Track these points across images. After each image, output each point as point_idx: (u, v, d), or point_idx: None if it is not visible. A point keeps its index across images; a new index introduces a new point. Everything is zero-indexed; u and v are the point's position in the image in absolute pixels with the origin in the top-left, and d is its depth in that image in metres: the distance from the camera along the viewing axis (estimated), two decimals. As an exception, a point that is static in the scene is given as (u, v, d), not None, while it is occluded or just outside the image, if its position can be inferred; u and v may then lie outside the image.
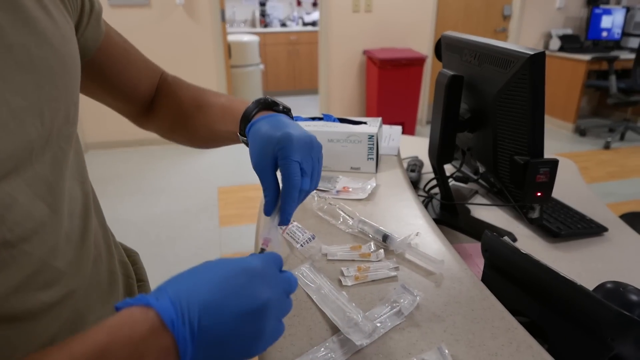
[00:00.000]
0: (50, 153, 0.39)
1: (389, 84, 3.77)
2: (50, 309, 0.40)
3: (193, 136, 0.65)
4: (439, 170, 0.96)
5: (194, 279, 0.35)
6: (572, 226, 0.91)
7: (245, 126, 0.54)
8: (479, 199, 1.08)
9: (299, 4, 6.19)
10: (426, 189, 1.09)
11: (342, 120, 1.03)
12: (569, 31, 4.53)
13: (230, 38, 4.48)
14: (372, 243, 0.71)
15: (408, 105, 3.94)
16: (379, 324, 0.53)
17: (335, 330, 0.53)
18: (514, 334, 0.53)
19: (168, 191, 3.08)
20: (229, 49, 4.09)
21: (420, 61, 3.74)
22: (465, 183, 1.12)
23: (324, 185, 0.90)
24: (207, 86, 0.66)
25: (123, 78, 0.59)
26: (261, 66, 5.05)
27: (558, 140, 4.16)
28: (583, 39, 4.51)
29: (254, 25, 6.02)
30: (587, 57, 3.99)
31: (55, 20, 0.41)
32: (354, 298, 0.59)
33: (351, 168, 0.99)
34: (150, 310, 0.31)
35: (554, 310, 0.57)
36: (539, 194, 0.78)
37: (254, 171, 0.50)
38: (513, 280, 0.63)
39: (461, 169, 1.05)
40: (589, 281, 0.57)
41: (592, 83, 4.25)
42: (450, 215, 0.98)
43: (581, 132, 4.26)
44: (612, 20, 4.41)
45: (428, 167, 1.19)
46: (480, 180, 1.13)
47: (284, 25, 6.07)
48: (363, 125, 0.99)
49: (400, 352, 0.50)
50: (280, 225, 0.49)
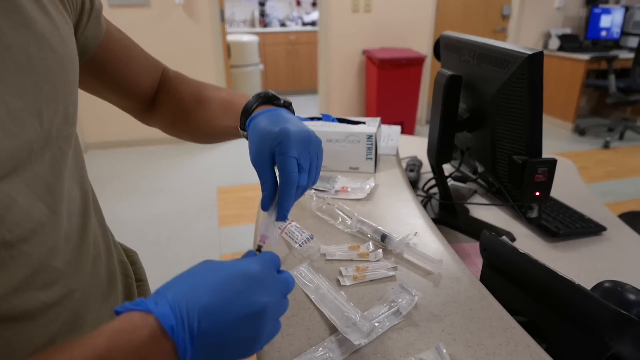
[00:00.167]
0: (50, 153, 0.39)
1: (388, 83, 3.77)
2: (50, 309, 0.40)
3: (195, 131, 0.65)
4: (437, 170, 0.96)
5: (192, 283, 0.35)
6: (571, 225, 0.91)
7: (245, 120, 0.54)
8: (477, 199, 1.08)
9: (299, 3, 6.19)
10: (425, 189, 1.09)
11: (341, 120, 1.03)
12: (568, 31, 4.53)
13: (229, 38, 4.49)
14: (371, 243, 0.71)
15: (407, 105, 3.94)
16: (377, 324, 0.54)
17: (333, 330, 0.53)
18: (512, 333, 0.53)
19: (167, 191, 3.08)
20: (228, 49, 4.09)
21: (419, 61, 3.75)
22: (464, 183, 1.12)
23: (323, 185, 0.91)
24: (207, 86, 0.66)
25: (125, 74, 0.59)
26: (260, 66, 5.05)
27: (557, 139, 4.16)
28: (582, 38, 4.51)
29: (253, 25, 6.02)
30: (586, 57, 3.99)
31: (53, 20, 0.41)
32: (352, 298, 0.59)
33: (350, 168, 0.99)
34: (149, 316, 0.31)
35: (552, 309, 0.57)
36: (538, 194, 0.78)
37: (253, 166, 0.50)
38: (511, 280, 0.63)
39: (460, 168, 1.05)
40: (587, 280, 0.57)
41: (591, 82, 4.26)
42: (449, 215, 0.98)
43: (580, 132, 4.27)
44: (611, 20, 4.41)
45: (427, 167, 1.19)
46: (479, 180, 1.13)
47: (283, 25, 6.07)
48: (362, 125, 0.99)
49: (398, 352, 0.50)
50: (278, 220, 0.49)
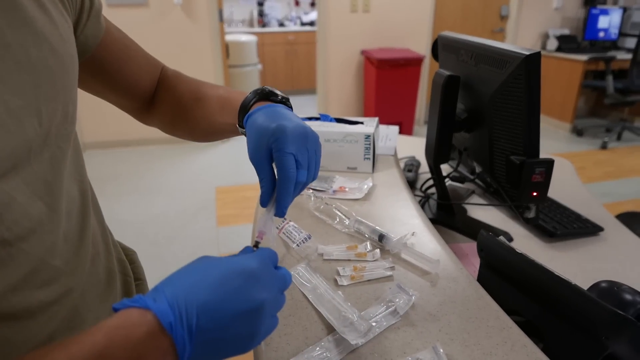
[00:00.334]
0: (49, 152, 0.39)
1: (386, 83, 3.77)
2: (49, 307, 0.40)
3: (193, 129, 0.65)
4: (435, 170, 0.96)
5: (191, 280, 0.35)
6: (568, 226, 0.91)
7: (243, 117, 0.54)
8: (475, 199, 1.08)
9: (297, 4, 6.19)
10: (423, 189, 1.09)
11: (339, 120, 1.03)
12: (566, 31, 4.54)
13: (228, 38, 4.48)
14: (368, 243, 0.71)
15: (406, 105, 3.94)
16: (374, 324, 0.54)
17: (330, 329, 0.53)
18: (508, 333, 0.53)
19: (166, 191, 3.08)
20: (226, 48, 4.09)
21: (417, 61, 3.75)
22: (462, 183, 1.12)
23: (321, 185, 0.91)
24: (205, 86, 0.66)
25: (124, 73, 0.59)
26: (259, 66, 5.04)
27: (555, 140, 4.17)
28: (580, 39, 4.53)
29: (251, 25, 6.01)
30: (584, 57, 4.00)
31: (53, 19, 0.41)
32: (349, 298, 0.59)
33: (348, 168, 0.99)
34: (148, 313, 0.31)
35: (549, 309, 0.57)
36: (535, 194, 0.78)
37: (251, 162, 0.50)
38: (509, 280, 0.63)
39: (458, 168, 1.05)
40: (584, 281, 0.58)
41: (589, 83, 4.27)
42: (446, 215, 0.98)
43: (578, 132, 4.28)
44: (609, 21, 4.42)
45: (425, 167, 1.20)
46: (476, 180, 1.13)
47: (282, 25, 6.07)
48: (360, 125, 0.99)
49: (396, 352, 0.50)
50: (276, 216, 0.49)
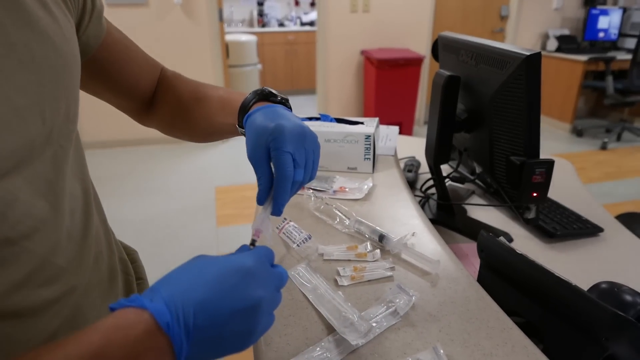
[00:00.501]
0: (51, 151, 0.39)
1: (386, 84, 3.77)
2: (51, 306, 0.40)
3: (193, 130, 0.65)
4: (435, 170, 0.96)
5: (187, 279, 0.35)
6: (568, 226, 0.91)
7: (243, 117, 0.54)
8: (475, 199, 1.08)
9: (297, 4, 6.19)
10: (423, 189, 1.09)
11: (339, 121, 1.03)
12: (566, 32, 4.54)
13: (228, 38, 4.48)
14: (369, 243, 0.71)
15: (406, 106, 3.94)
16: (374, 324, 0.54)
17: (331, 330, 0.53)
18: (509, 334, 0.53)
19: (165, 191, 3.07)
20: (226, 48, 4.09)
21: (417, 61, 3.75)
22: (462, 183, 1.12)
23: (321, 185, 0.90)
24: (205, 86, 0.66)
25: (124, 75, 0.60)
26: (259, 66, 5.04)
27: (555, 140, 4.17)
28: (580, 39, 4.53)
29: (251, 25, 6.01)
30: (584, 58, 4.01)
31: (56, 18, 0.41)
32: (350, 298, 0.59)
33: (348, 168, 0.99)
34: (144, 312, 0.31)
35: (549, 310, 0.57)
36: (535, 194, 0.78)
37: (249, 161, 0.50)
38: (509, 281, 0.63)
39: (458, 169, 1.05)
40: (584, 282, 0.58)
41: (589, 84, 4.27)
42: (446, 216, 0.98)
43: (578, 133, 4.28)
44: (609, 21, 4.43)
45: (425, 168, 1.20)
46: (476, 180, 1.13)
47: (281, 25, 6.07)
48: (360, 125, 0.99)
49: (396, 352, 0.50)
50: (273, 215, 0.49)
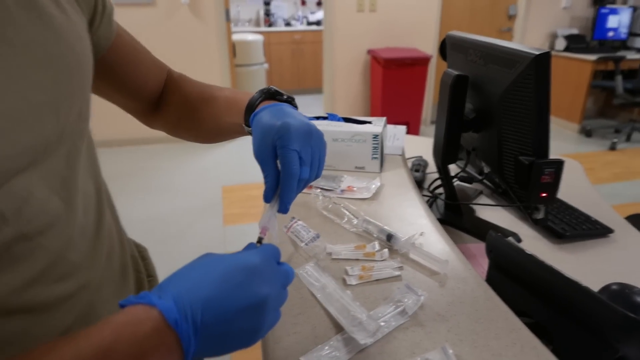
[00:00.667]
0: (64, 148, 0.40)
1: (393, 83, 3.76)
2: (65, 302, 0.40)
3: (199, 130, 0.65)
4: (443, 170, 0.96)
5: (195, 277, 0.35)
6: (577, 227, 0.90)
7: (249, 116, 0.54)
8: (483, 199, 1.07)
9: (304, 3, 6.18)
10: (430, 189, 1.09)
11: (347, 120, 1.03)
12: (575, 31, 4.50)
13: (234, 37, 4.49)
14: (377, 242, 0.71)
15: (412, 105, 3.93)
16: (383, 323, 0.54)
17: (339, 329, 0.53)
18: (518, 334, 0.53)
19: (172, 189, 3.09)
20: (233, 48, 4.10)
21: (424, 61, 3.74)
22: (470, 183, 1.12)
23: (329, 185, 0.91)
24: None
25: (132, 76, 0.60)
26: (265, 65, 5.05)
27: (563, 140, 4.14)
28: (589, 39, 4.49)
29: (258, 24, 6.02)
30: (593, 57, 3.97)
31: (69, 17, 0.41)
32: (358, 297, 0.59)
33: (355, 167, 0.99)
34: (153, 309, 0.32)
35: (559, 311, 0.56)
36: (544, 195, 0.78)
37: (255, 160, 0.50)
38: (517, 281, 0.62)
39: (466, 169, 1.05)
40: (594, 283, 0.57)
41: (598, 83, 4.23)
42: (454, 216, 0.98)
43: (587, 133, 4.24)
44: (619, 20, 4.38)
45: (432, 167, 1.19)
46: (484, 180, 1.12)
47: (288, 24, 6.07)
48: (367, 124, 0.99)
49: (404, 352, 0.50)
50: (279, 212, 0.49)
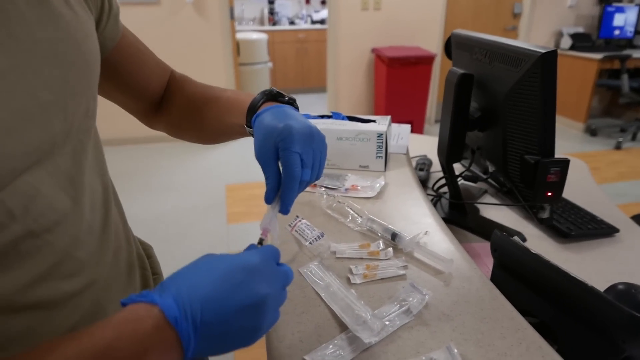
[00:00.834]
0: (71, 146, 0.40)
1: (397, 82, 3.75)
2: (72, 299, 0.41)
3: (201, 131, 0.66)
4: (448, 169, 0.96)
5: (195, 276, 0.35)
6: (583, 227, 0.90)
7: (251, 117, 0.55)
8: (488, 199, 1.07)
9: (308, 2, 6.18)
10: (435, 188, 1.09)
11: (351, 119, 1.03)
12: (581, 29, 4.47)
13: (238, 36, 4.49)
14: (381, 241, 0.71)
15: (416, 104, 3.92)
16: (387, 322, 0.54)
17: (343, 327, 0.53)
18: (523, 334, 0.53)
19: (176, 188, 3.10)
20: (237, 46, 4.10)
21: (429, 59, 3.72)
22: (475, 182, 1.11)
23: (333, 183, 0.90)
24: (216, 84, 0.68)
25: (136, 76, 0.61)
26: (269, 64, 5.06)
27: (568, 140, 4.11)
28: (595, 37, 4.46)
29: (262, 23, 6.02)
30: (599, 56, 3.94)
31: (78, 16, 0.42)
32: (362, 296, 0.59)
33: (360, 166, 0.99)
34: (154, 307, 0.32)
35: (564, 311, 0.56)
36: (550, 194, 0.77)
37: (257, 161, 0.51)
38: (523, 281, 0.62)
39: (470, 168, 1.04)
40: (600, 282, 0.57)
41: (604, 82, 4.20)
42: (459, 215, 0.97)
43: (592, 132, 4.21)
44: (625, 19, 4.35)
45: (437, 166, 1.19)
46: (489, 179, 1.12)
47: (292, 23, 6.07)
48: (372, 123, 0.99)
49: (409, 351, 0.50)
50: (280, 213, 0.50)
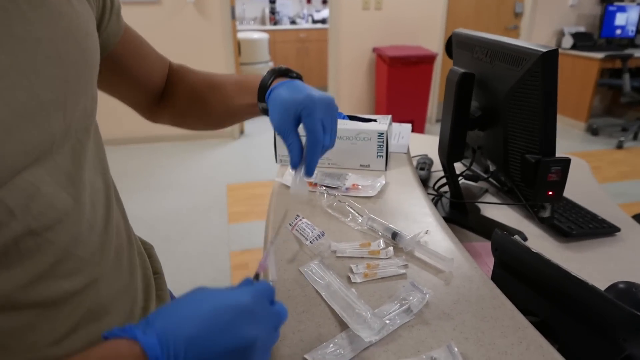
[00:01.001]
0: (69, 144, 0.40)
1: (398, 81, 3.75)
2: (73, 297, 0.41)
3: (209, 116, 0.68)
4: (448, 168, 0.95)
5: (182, 313, 0.35)
6: (584, 226, 0.90)
7: (264, 94, 0.59)
8: (489, 198, 1.07)
9: (309, 1, 6.18)
10: (436, 187, 1.08)
11: (352, 118, 1.03)
12: (582, 29, 4.46)
13: (240, 35, 4.49)
14: (382, 240, 0.71)
15: (418, 104, 3.91)
16: (388, 321, 0.54)
17: (344, 326, 0.53)
18: (524, 333, 0.53)
19: (177, 188, 3.10)
20: (238, 46, 4.10)
21: (430, 59, 3.72)
22: (476, 182, 1.11)
23: (333, 183, 0.90)
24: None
25: (140, 69, 0.62)
26: (271, 63, 5.05)
27: (570, 139, 4.11)
28: (596, 36, 4.44)
29: (263, 22, 6.02)
30: (601, 55, 3.94)
31: (78, 14, 0.42)
32: (363, 295, 0.59)
33: (360, 165, 0.99)
34: (136, 345, 0.32)
35: (565, 310, 0.56)
36: (551, 193, 0.77)
37: (277, 132, 0.57)
38: (523, 280, 0.62)
39: (471, 167, 1.04)
40: (600, 281, 0.57)
41: (605, 81, 4.19)
42: (460, 214, 0.97)
43: (593, 132, 4.21)
44: (627, 18, 4.34)
45: (438, 166, 1.19)
46: (490, 178, 1.12)
47: (293, 22, 6.07)
48: (373, 122, 0.99)
49: (409, 350, 0.50)
50: (306, 176, 0.54)
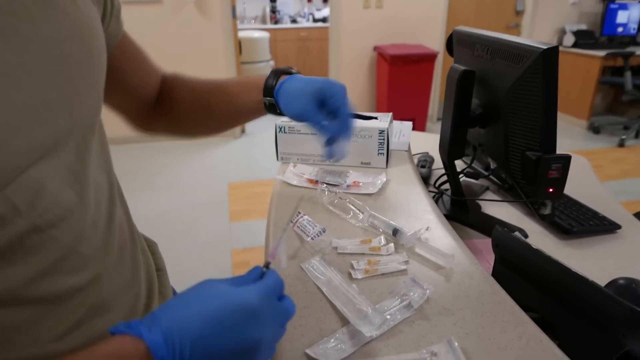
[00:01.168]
0: (74, 142, 0.40)
1: (399, 80, 3.75)
2: (77, 293, 0.41)
3: (210, 118, 0.68)
4: (449, 165, 0.96)
5: (189, 310, 0.35)
6: (585, 223, 0.90)
7: (269, 91, 0.63)
8: (489, 195, 1.07)
9: (310, 0, 6.17)
10: (436, 185, 1.09)
11: (353, 116, 1.03)
12: (584, 27, 4.46)
13: (240, 34, 4.50)
14: (382, 237, 0.71)
15: (418, 102, 3.91)
16: (388, 317, 0.54)
17: (345, 322, 0.54)
18: (524, 328, 0.53)
19: (179, 186, 3.11)
20: (239, 45, 4.10)
21: (431, 57, 3.72)
22: (476, 179, 1.11)
23: (334, 180, 0.91)
24: (217, 82, 0.69)
25: (137, 73, 0.61)
26: (271, 62, 5.06)
27: (571, 137, 4.10)
28: (598, 34, 4.44)
29: (264, 21, 6.02)
30: (602, 53, 3.93)
31: (84, 14, 0.42)
32: (364, 291, 0.59)
33: (361, 163, 0.99)
34: (141, 343, 0.32)
35: (565, 306, 0.56)
36: (551, 190, 0.78)
37: (298, 118, 0.62)
38: (524, 276, 0.62)
39: (472, 164, 1.05)
40: (601, 278, 0.57)
41: (607, 79, 4.18)
42: (460, 211, 0.98)
43: (595, 130, 4.20)
44: (628, 16, 4.33)
45: (438, 163, 1.19)
46: (491, 176, 1.12)
47: (294, 21, 6.07)
48: (374, 120, 0.99)
49: (410, 344, 0.50)
50: (340, 160, 0.64)
